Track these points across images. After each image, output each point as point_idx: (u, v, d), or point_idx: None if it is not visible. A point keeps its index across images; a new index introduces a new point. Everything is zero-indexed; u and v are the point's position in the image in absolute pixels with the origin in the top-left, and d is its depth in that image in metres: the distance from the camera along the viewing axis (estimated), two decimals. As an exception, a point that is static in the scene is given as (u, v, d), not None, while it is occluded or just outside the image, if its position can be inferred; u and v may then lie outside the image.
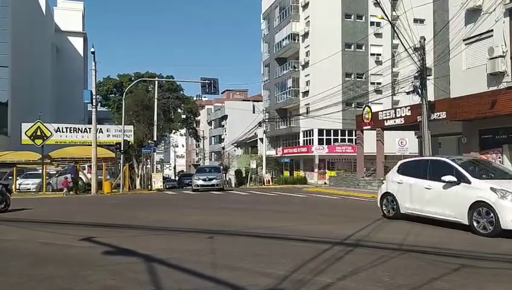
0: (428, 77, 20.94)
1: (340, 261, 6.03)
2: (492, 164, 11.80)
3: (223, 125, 77.33)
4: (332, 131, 46.78)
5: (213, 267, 5.65)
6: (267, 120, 51.28)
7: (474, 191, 8.83)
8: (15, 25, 47.69)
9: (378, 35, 47.05)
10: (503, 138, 18.78)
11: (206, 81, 27.67)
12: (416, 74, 20.37)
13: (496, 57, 17.64)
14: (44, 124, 26.44)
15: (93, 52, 24.79)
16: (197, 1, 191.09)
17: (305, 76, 49.23)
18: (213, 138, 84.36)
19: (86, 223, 10.51)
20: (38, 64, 60.86)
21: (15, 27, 47.63)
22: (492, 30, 18.39)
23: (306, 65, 48.65)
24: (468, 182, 9.03)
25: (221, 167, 34.28)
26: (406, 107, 24.28)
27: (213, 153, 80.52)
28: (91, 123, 26.11)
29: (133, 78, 50.43)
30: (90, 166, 26.38)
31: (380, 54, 47.59)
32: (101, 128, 30.85)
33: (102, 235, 8.30)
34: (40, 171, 26.71)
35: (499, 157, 18.90)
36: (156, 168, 54.74)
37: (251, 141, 59.04)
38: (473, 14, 19.34)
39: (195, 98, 66.92)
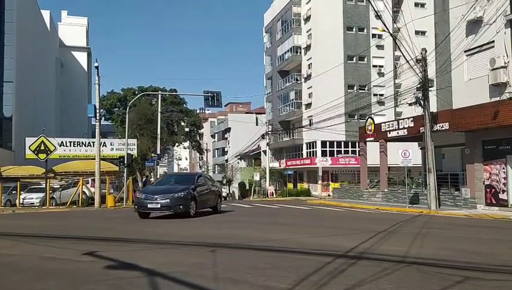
0: (430, 88, 21.01)
1: (343, 274, 5.99)
2: None
3: (226, 138, 77.46)
4: (335, 143, 46.79)
5: (216, 281, 5.63)
6: (270, 132, 51.35)
7: None
8: (20, 40, 48.21)
9: (380, 47, 47.30)
10: (506, 149, 18.72)
11: (209, 94, 27.79)
12: (419, 85, 20.43)
13: (498, 68, 17.70)
14: (48, 138, 26.54)
15: (96, 67, 24.97)
16: (200, 15, 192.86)
17: (308, 88, 49.41)
18: (216, 150, 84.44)
19: (89, 237, 10.50)
20: (42, 79, 61.37)
21: (20, 43, 48.15)
22: (493, 41, 18.47)
23: (308, 77, 48.86)
24: None
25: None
26: (408, 118, 24.30)
27: (216, 166, 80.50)
28: (95, 137, 26.20)
29: (136, 92, 50.75)
30: (93, 180, 26.42)
31: (382, 66, 47.78)
32: (104, 142, 30.99)
33: (104, 249, 8.28)
34: (44, 186, 26.76)
35: (503, 168, 18.83)
36: (160, 182, 54.38)
37: (254, 153, 59.08)
38: (474, 25, 19.44)
39: (198, 111, 67.17)
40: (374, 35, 47.32)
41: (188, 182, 16.53)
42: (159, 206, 15.27)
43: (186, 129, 58.57)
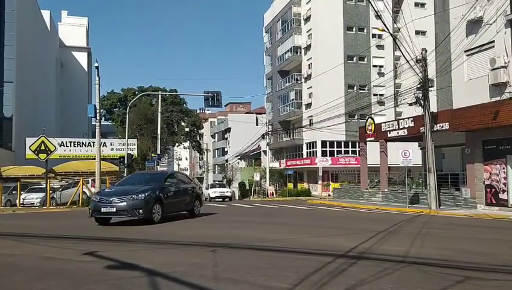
0: (430, 88, 20.99)
1: (344, 273, 5.99)
2: None
3: (227, 138, 77.47)
4: (335, 143, 46.79)
5: (216, 281, 5.63)
6: (270, 132, 51.35)
7: None
8: (20, 40, 48.24)
9: (380, 47, 47.31)
10: (506, 149, 18.72)
11: (209, 94, 27.79)
12: (419, 85, 20.43)
13: (498, 68, 17.71)
14: (48, 138, 26.52)
15: (97, 67, 24.94)
16: (200, 15, 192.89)
17: (308, 88, 49.42)
18: (216, 150, 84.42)
19: (89, 237, 10.50)
20: (42, 79, 61.40)
21: (20, 43, 48.18)
22: (493, 41, 18.48)
23: (308, 77, 48.86)
24: None
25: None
26: (409, 118, 24.29)
27: (216, 166, 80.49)
28: (95, 137, 26.20)
29: (136, 92, 50.76)
30: (93, 180, 26.42)
31: (382, 66, 47.78)
32: (104, 142, 30.98)
33: (105, 249, 8.28)
34: (44, 186, 26.75)
35: (503, 168, 18.83)
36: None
37: (254, 153, 59.07)
38: (474, 25, 19.44)
39: (198, 111, 67.22)
40: (374, 35, 47.32)
41: (154, 182, 14.32)
42: (114, 211, 12.97)
43: (186, 129, 58.63)
